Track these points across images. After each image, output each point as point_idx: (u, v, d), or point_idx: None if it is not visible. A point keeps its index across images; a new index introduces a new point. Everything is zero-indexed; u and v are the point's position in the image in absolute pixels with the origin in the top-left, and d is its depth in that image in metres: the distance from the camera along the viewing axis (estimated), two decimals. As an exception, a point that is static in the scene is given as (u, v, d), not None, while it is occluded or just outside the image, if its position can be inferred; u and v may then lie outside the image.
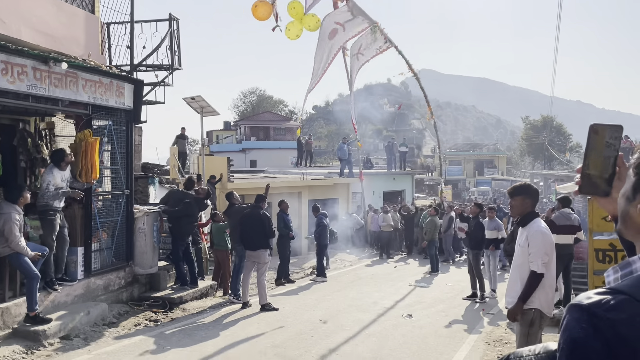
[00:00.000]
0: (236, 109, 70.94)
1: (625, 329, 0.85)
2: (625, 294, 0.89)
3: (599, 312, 0.88)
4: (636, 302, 0.88)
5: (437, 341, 7.01)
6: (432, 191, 46.59)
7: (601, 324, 0.87)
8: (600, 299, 0.90)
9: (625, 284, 0.92)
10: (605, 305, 0.89)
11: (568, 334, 0.91)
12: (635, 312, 0.86)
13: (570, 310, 0.93)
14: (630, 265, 0.98)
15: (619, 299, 0.89)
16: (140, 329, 7.35)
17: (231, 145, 45.77)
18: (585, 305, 0.90)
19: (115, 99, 8.22)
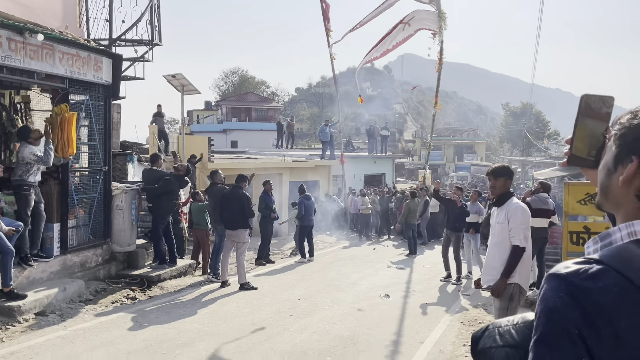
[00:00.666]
0: (218, 88, 70.17)
1: (602, 297, 0.86)
2: (603, 263, 0.89)
3: (576, 281, 0.88)
4: (613, 271, 0.88)
5: (413, 321, 7.13)
6: (412, 175, 46.98)
7: (578, 292, 0.88)
8: (577, 268, 0.90)
9: (604, 254, 0.92)
10: (582, 274, 0.89)
11: (545, 303, 0.91)
12: (612, 281, 0.87)
13: (548, 280, 0.93)
14: (610, 235, 0.97)
15: (597, 268, 0.89)
16: (117, 306, 7.31)
17: (212, 125, 45.31)
18: (563, 274, 0.91)
19: (93, 74, 8.05)
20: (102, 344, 5.74)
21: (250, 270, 10.34)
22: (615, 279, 0.86)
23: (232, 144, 38.32)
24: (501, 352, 1.07)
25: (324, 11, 17.45)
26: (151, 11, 10.13)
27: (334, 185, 21.23)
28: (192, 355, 5.45)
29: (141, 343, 5.78)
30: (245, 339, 6.05)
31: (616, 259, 0.89)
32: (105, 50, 8.59)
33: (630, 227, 0.95)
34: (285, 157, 20.12)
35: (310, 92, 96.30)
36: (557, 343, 0.88)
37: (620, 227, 0.96)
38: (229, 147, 35.41)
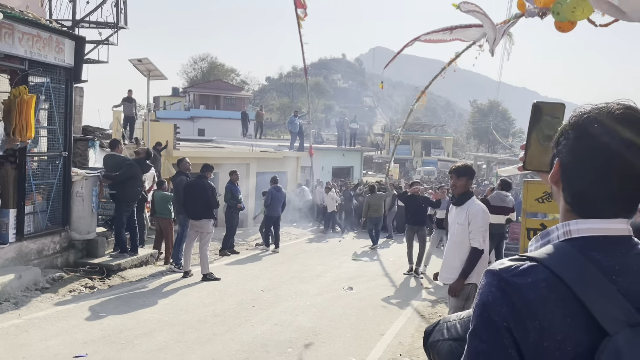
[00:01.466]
0: (186, 75, 68.83)
1: (530, 292, 0.90)
2: (536, 260, 0.94)
3: (507, 277, 0.93)
4: (544, 268, 0.92)
5: (375, 313, 7.21)
6: (380, 169, 47.36)
7: (508, 287, 0.92)
8: (510, 264, 0.95)
9: (538, 251, 0.97)
10: (514, 270, 0.94)
11: (479, 298, 0.96)
12: (541, 277, 0.91)
13: (484, 276, 0.98)
14: (549, 234, 1.02)
15: (528, 265, 0.94)
16: (75, 295, 7.15)
17: (179, 112, 44.49)
18: (497, 270, 0.95)
19: (54, 55, 7.79)
20: (57, 333, 5.60)
21: (214, 261, 10.26)
22: (543, 274, 0.91)
23: (200, 132, 37.74)
24: (445, 345, 1.12)
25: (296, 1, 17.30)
26: (117, -7, 9.86)
27: (302, 177, 21.22)
28: (151, 345, 5.38)
29: (99, 333, 5.66)
30: (205, 329, 6.00)
31: (547, 256, 0.94)
32: (67, 32, 8.32)
33: (565, 226, 0.99)
34: (253, 147, 19.97)
35: (281, 82, 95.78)
36: (487, 335, 0.93)
37: (558, 226, 1.01)
38: (196, 135, 34.87)
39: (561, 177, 1.02)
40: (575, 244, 0.96)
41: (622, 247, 0.96)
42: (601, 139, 0.94)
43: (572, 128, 0.99)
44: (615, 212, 0.97)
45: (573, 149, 0.98)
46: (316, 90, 72.07)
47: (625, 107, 0.96)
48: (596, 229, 0.97)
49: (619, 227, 0.97)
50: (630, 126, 0.93)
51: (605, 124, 0.95)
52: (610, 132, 0.94)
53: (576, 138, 0.98)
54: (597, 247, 0.95)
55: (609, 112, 0.95)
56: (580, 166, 0.97)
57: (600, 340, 0.86)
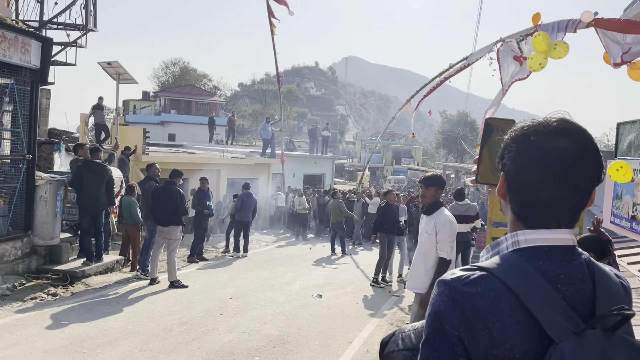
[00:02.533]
0: (157, 79, 67.95)
1: (479, 301, 0.93)
2: (485, 270, 0.97)
3: (458, 286, 0.96)
4: (493, 277, 0.95)
5: (343, 321, 7.23)
6: (351, 177, 47.59)
7: (459, 297, 0.95)
8: (461, 274, 0.98)
9: (488, 261, 1.01)
10: (464, 280, 0.97)
11: (431, 307, 0.99)
12: (490, 286, 0.94)
13: (436, 285, 1.00)
14: (499, 245, 1.06)
15: (478, 274, 0.97)
16: (37, 302, 6.94)
17: (149, 116, 43.87)
18: (448, 280, 0.98)
19: (19, 56, 7.60)
20: (17, 341, 5.43)
21: (182, 268, 10.13)
22: (493, 284, 0.95)
23: (170, 137, 37.29)
24: (400, 355, 1.15)
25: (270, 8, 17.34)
26: (87, -5, 9.70)
27: (273, 183, 21.16)
28: (115, 355, 5.27)
29: (60, 341, 5.51)
30: (171, 338, 5.91)
31: (496, 266, 0.98)
32: (34, 33, 8.13)
33: (514, 237, 1.03)
34: (224, 154, 19.83)
35: (254, 88, 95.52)
36: (438, 344, 0.96)
37: (507, 237, 1.05)
38: (166, 140, 34.44)
39: (507, 189, 1.06)
40: (523, 254, 1.00)
41: (567, 257, 1.00)
42: (540, 149, 0.99)
43: (513, 141, 1.04)
44: (558, 220, 1.02)
45: (515, 160, 1.02)
46: (289, 98, 72.10)
47: (560, 120, 1.02)
48: (542, 239, 1.01)
49: (563, 237, 1.01)
50: (565, 136, 0.99)
51: (543, 135, 1.00)
52: (548, 142, 0.99)
53: (517, 150, 1.02)
54: (544, 257, 0.99)
55: (546, 125, 1.01)
56: (522, 176, 1.01)
57: (547, 348, 0.89)
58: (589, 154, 1.00)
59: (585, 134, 1.01)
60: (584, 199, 1.02)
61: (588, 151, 1.00)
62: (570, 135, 0.99)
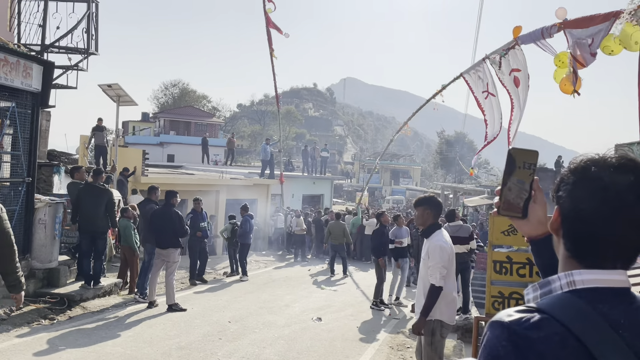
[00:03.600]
0: (156, 100, 68.37)
1: (543, 346, 0.89)
2: (545, 312, 0.93)
3: (519, 330, 0.91)
4: (554, 321, 0.91)
5: (343, 345, 7.15)
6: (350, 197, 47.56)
7: (520, 341, 0.90)
8: (520, 317, 0.93)
9: (545, 302, 0.96)
10: (525, 323, 0.92)
11: (488, 351, 0.93)
12: (553, 330, 0.90)
13: (490, 327, 0.95)
14: (550, 284, 1.01)
15: (538, 317, 0.92)
16: (34, 327, 6.87)
17: (148, 137, 44.02)
18: (506, 322, 0.93)
19: (21, 80, 7.65)
20: (13, 368, 5.35)
21: (180, 291, 10.05)
22: (555, 328, 0.90)
23: (169, 158, 37.37)
24: None
25: (269, 32, 17.55)
26: (88, 20, 9.81)
27: (272, 204, 21.15)
28: (113, 381, 5.19)
29: (57, 368, 5.44)
30: (170, 363, 5.83)
31: (556, 309, 0.93)
32: (35, 57, 8.20)
33: (569, 276, 0.99)
34: (223, 174, 19.85)
35: (253, 109, 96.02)
36: None
37: (560, 276, 1.00)
38: (165, 161, 34.52)
39: (562, 224, 1.01)
40: (581, 295, 0.95)
41: (625, 300, 0.96)
42: (600, 182, 0.95)
43: (572, 173, 1.00)
44: (614, 260, 0.98)
45: (573, 194, 0.99)
46: (287, 119, 72.49)
47: (621, 156, 0.99)
48: (600, 280, 0.96)
49: (620, 279, 0.97)
50: (627, 171, 0.96)
51: (605, 168, 0.97)
52: (608, 175, 0.95)
53: (576, 182, 0.99)
54: (603, 299, 0.94)
55: (606, 159, 0.98)
56: (581, 210, 0.97)
57: None
58: None
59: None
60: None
61: None
62: (631, 170, 0.96)
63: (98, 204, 8.38)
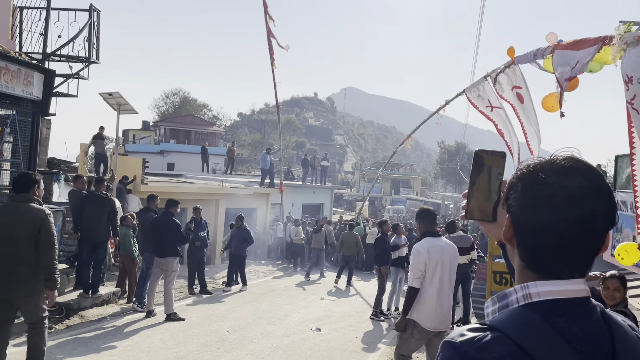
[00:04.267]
0: (157, 109, 68.52)
1: None
2: (498, 330, 0.88)
3: (470, 352, 0.86)
4: (508, 339, 0.86)
5: (342, 355, 7.10)
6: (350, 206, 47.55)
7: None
8: (472, 336, 0.88)
9: (499, 319, 0.91)
10: (477, 343, 0.87)
11: None
12: (506, 351, 0.85)
13: (443, 348, 0.91)
14: (507, 297, 0.96)
15: (491, 336, 0.87)
16: (30, 336, 6.81)
17: (148, 146, 44.05)
18: (458, 343, 0.89)
19: (22, 88, 7.67)
20: (9, 378, 5.31)
21: (179, 300, 10.00)
22: (508, 347, 0.85)
23: (169, 167, 37.38)
24: None
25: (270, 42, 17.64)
26: (90, 28, 9.85)
27: (272, 213, 21.12)
28: (109, 391, 5.15)
29: (53, 378, 5.39)
30: (168, 373, 5.79)
31: (510, 326, 0.88)
32: (37, 65, 8.23)
33: (525, 289, 0.94)
34: (223, 183, 19.83)
35: (253, 118, 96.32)
36: None
37: (516, 288, 0.96)
38: (165, 170, 34.53)
39: (514, 233, 0.97)
40: (536, 309, 0.91)
41: (583, 311, 0.92)
42: (549, 188, 0.92)
43: (519, 180, 0.97)
44: (571, 268, 0.94)
45: (523, 201, 0.95)
46: (288, 128, 72.69)
47: (569, 158, 0.95)
48: (557, 292, 0.92)
49: (578, 289, 0.93)
50: (576, 174, 0.92)
51: (553, 173, 0.93)
52: (557, 180, 0.92)
53: (525, 189, 0.95)
54: (559, 312, 0.90)
55: (554, 162, 0.95)
56: (531, 218, 0.93)
57: None
58: (602, 193, 0.92)
59: (597, 173, 0.94)
60: (597, 244, 0.93)
61: (601, 191, 0.92)
62: (581, 173, 0.92)
63: (101, 212, 8.36)
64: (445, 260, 4.64)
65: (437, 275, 4.57)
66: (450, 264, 4.70)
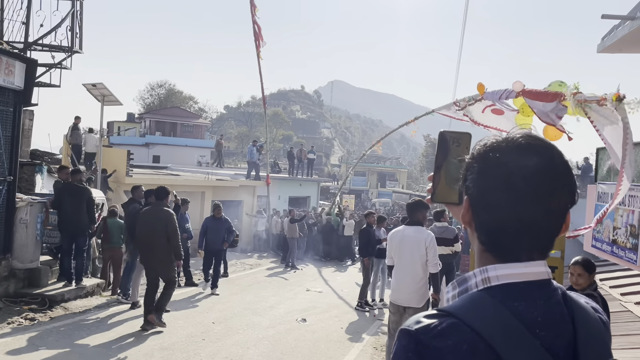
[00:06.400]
0: (142, 101, 67.72)
1: (452, 357, 0.82)
2: (455, 316, 0.85)
3: (425, 339, 0.84)
4: (464, 325, 0.84)
5: (327, 345, 7.16)
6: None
7: (427, 352, 0.84)
8: (428, 323, 0.86)
9: (456, 305, 0.88)
10: (432, 331, 0.85)
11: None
12: (462, 337, 0.83)
13: (399, 336, 0.89)
14: (467, 281, 0.93)
15: (447, 323, 0.85)
16: (14, 327, 6.77)
17: (133, 138, 43.63)
18: (413, 331, 0.86)
19: (3, 77, 7.55)
20: (-9, 369, 5.27)
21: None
22: (465, 335, 0.83)
23: (154, 159, 37.06)
24: None
25: (256, 33, 17.54)
26: (72, 17, 9.71)
27: (258, 206, 21.11)
28: (93, 381, 5.14)
29: (36, 368, 5.37)
30: (152, 364, 5.79)
31: (467, 311, 0.86)
32: (18, 54, 8.10)
33: (484, 272, 0.91)
34: (209, 176, 19.75)
35: (240, 110, 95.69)
36: None
37: (475, 272, 0.93)
38: (151, 162, 34.24)
39: (472, 215, 0.94)
40: (495, 293, 0.88)
41: (543, 294, 0.89)
42: (505, 167, 0.88)
43: (475, 161, 0.93)
44: (530, 249, 0.91)
45: (478, 182, 0.91)
46: (275, 121, 72.40)
47: (525, 135, 0.91)
48: (516, 275, 0.89)
49: (538, 271, 0.90)
50: (532, 153, 0.89)
51: (507, 152, 0.90)
52: (512, 159, 0.88)
53: (481, 170, 0.91)
54: (518, 296, 0.87)
55: (509, 141, 0.91)
56: (487, 199, 0.90)
57: None
58: (560, 171, 0.89)
59: (555, 150, 0.91)
60: (557, 224, 0.91)
61: (558, 169, 0.89)
62: (537, 151, 0.89)
63: (79, 202, 8.31)
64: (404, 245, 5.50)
65: (397, 257, 5.54)
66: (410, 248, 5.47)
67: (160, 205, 7.19)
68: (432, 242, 5.50)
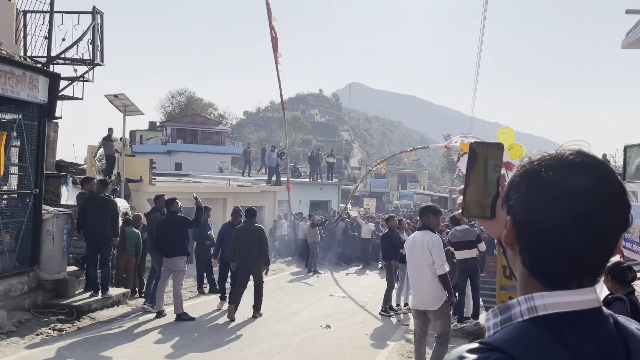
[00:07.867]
0: (163, 109, 68.60)
1: None
2: (501, 351, 0.79)
3: None
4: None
5: (353, 352, 7.09)
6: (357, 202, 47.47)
7: None
8: (472, 359, 0.79)
9: (501, 337, 0.82)
10: None
11: None
12: None
13: None
14: (510, 309, 0.87)
15: (494, 359, 0.78)
16: (43, 338, 6.87)
17: (155, 146, 44.20)
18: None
19: (27, 92, 7.70)
20: (21, 381, 5.35)
21: (189, 300, 10.03)
22: None
23: (177, 166, 37.50)
24: None
25: (274, 39, 17.61)
26: (93, 31, 9.86)
27: (280, 211, 21.15)
28: (121, 392, 5.17)
29: (65, 380, 5.43)
30: (179, 374, 5.81)
31: (515, 345, 0.79)
32: (41, 69, 8.25)
33: (529, 301, 0.85)
34: (230, 182, 19.88)
35: (259, 116, 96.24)
36: None
37: (520, 300, 0.86)
38: (173, 170, 34.66)
39: (516, 237, 0.87)
40: (542, 324, 0.81)
41: (595, 325, 0.83)
42: (556, 187, 0.82)
43: (521, 178, 0.87)
44: (580, 276, 0.85)
45: (526, 202, 0.85)
46: (294, 125, 72.64)
47: (577, 153, 0.85)
48: (566, 304, 0.83)
49: (589, 299, 0.84)
50: (586, 172, 0.82)
51: (560, 170, 0.83)
52: (565, 178, 0.82)
53: (528, 189, 0.85)
54: (569, 328, 0.81)
55: (561, 158, 0.85)
56: (535, 221, 0.84)
57: None
58: (615, 193, 0.82)
59: (609, 169, 0.84)
60: (610, 249, 0.84)
61: (613, 190, 0.82)
62: (591, 170, 0.82)
63: (103, 214, 8.42)
64: (413, 250, 5.66)
65: (409, 262, 5.79)
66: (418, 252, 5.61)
67: (252, 222, 8.69)
68: (435, 244, 5.55)
